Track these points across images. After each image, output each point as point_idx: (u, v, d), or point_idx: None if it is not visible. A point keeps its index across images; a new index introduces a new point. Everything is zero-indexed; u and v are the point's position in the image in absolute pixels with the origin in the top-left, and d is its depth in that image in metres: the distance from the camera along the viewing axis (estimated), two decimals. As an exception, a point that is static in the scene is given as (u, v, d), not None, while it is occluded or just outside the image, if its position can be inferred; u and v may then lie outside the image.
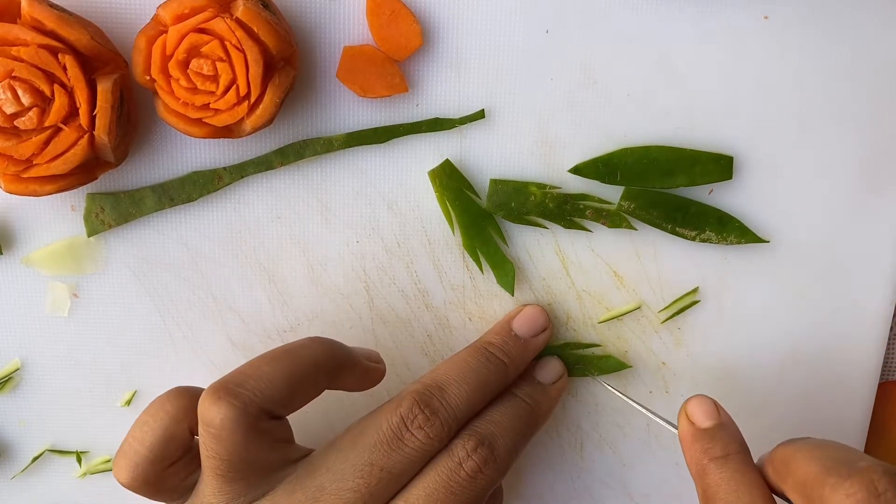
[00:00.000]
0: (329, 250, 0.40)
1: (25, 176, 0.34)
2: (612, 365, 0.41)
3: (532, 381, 0.39)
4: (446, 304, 0.41)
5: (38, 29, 0.33)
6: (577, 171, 0.39)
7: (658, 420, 0.38)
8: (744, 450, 0.35)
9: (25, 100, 0.33)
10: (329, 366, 0.35)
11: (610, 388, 0.41)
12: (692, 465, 0.35)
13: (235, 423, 0.31)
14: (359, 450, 0.33)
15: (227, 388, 0.32)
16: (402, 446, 0.33)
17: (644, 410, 0.39)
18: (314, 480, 0.33)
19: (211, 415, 0.32)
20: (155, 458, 0.33)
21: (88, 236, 0.39)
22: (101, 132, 0.34)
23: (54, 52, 0.33)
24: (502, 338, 0.39)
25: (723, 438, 0.35)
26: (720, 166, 0.39)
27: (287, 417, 0.35)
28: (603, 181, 0.39)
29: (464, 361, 0.37)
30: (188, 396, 0.34)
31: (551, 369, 0.40)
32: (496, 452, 0.34)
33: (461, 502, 0.33)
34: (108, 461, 0.42)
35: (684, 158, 0.39)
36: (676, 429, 0.37)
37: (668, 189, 0.39)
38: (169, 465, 0.34)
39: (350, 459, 0.33)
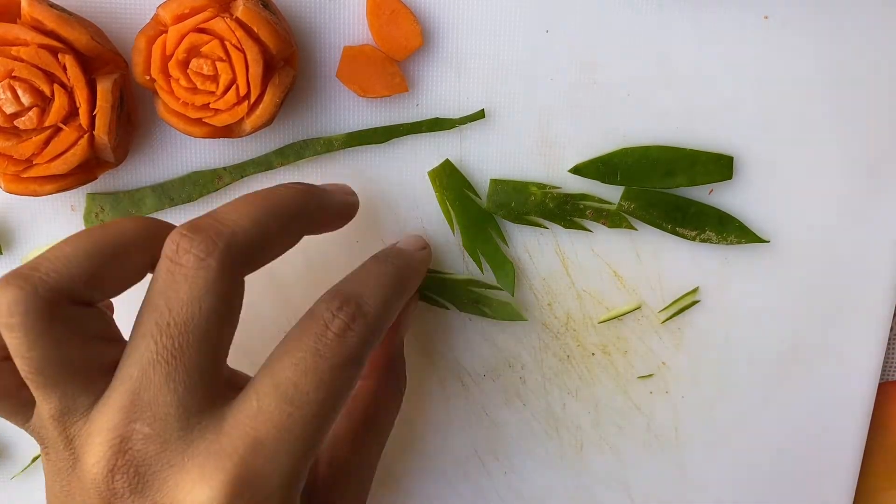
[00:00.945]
0: (329, 250, 0.40)
1: (25, 176, 0.34)
2: (508, 313, 0.41)
3: (393, 248, 0.37)
4: (446, 305, 0.41)
5: (38, 29, 0.33)
6: (577, 171, 0.39)
7: None
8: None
9: (25, 100, 0.33)
10: (147, 240, 0.30)
11: None
12: None
13: (24, 306, 0.27)
14: (141, 321, 0.29)
15: (17, 272, 0.28)
16: (176, 285, 0.28)
17: None
18: (126, 371, 0.28)
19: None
20: None
21: (88, 236, 0.39)
22: (100, 132, 0.34)
23: (54, 52, 0.33)
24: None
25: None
26: (720, 166, 0.39)
27: (112, 314, 0.32)
28: (603, 181, 0.39)
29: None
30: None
31: (413, 240, 0.38)
32: (364, 308, 0.31)
33: (333, 365, 0.29)
34: (108, 461, 0.42)
35: (684, 158, 0.39)
36: None
37: (668, 189, 0.39)
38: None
39: (137, 338, 0.29)
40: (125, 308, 0.33)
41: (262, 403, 0.28)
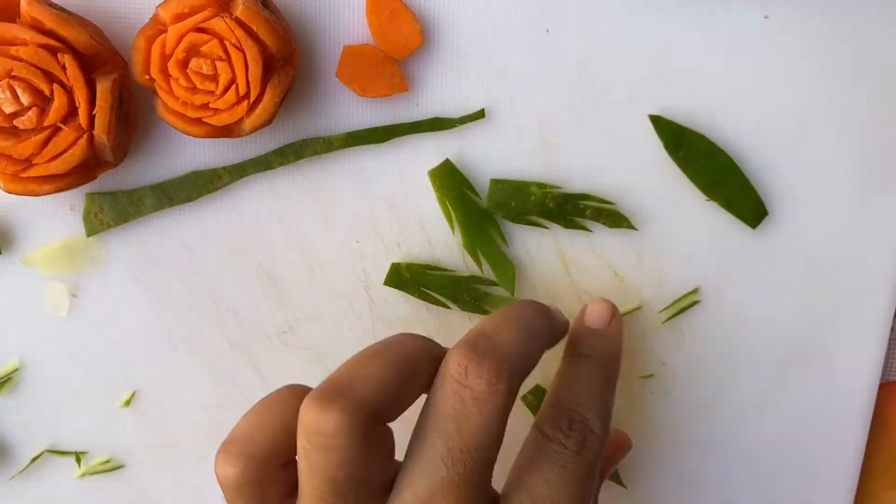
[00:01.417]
0: (328, 250, 0.40)
1: (24, 176, 0.34)
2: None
3: (585, 331, 0.37)
4: (446, 305, 0.41)
5: (38, 28, 0.33)
6: (654, 119, 0.38)
7: None
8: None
9: (24, 99, 0.33)
10: (428, 360, 0.31)
11: None
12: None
13: (349, 427, 0.28)
14: (428, 443, 0.29)
15: (336, 390, 0.28)
16: (467, 410, 0.29)
17: None
18: (413, 492, 0.29)
19: (321, 422, 0.28)
20: (272, 450, 0.29)
21: (87, 236, 0.39)
22: (100, 132, 0.34)
23: (53, 52, 0.33)
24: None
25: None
26: (755, 208, 0.40)
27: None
28: (666, 145, 0.39)
29: (501, 312, 0.33)
30: (303, 394, 0.31)
31: (598, 310, 0.38)
32: (591, 424, 0.32)
33: (579, 479, 0.31)
34: (107, 461, 0.42)
35: (737, 182, 0.39)
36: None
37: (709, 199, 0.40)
38: (282, 464, 0.30)
39: (425, 460, 0.29)
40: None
41: None
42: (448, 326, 0.41)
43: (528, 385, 0.42)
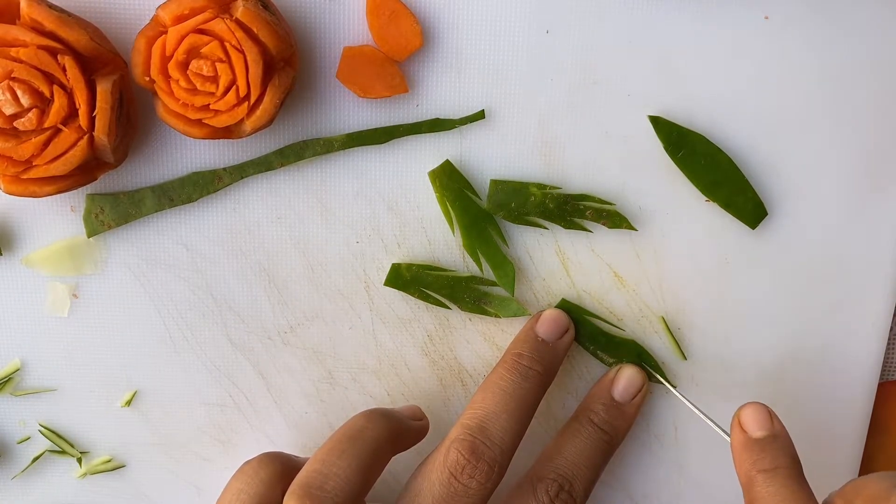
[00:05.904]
0: (329, 251, 0.40)
1: (25, 177, 0.34)
2: (511, 309, 0.40)
3: (608, 402, 0.40)
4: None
5: (38, 30, 0.33)
6: (655, 120, 0.38)
7: (713, 426, 0.38)
8: (794, 463, 0.34)
9: (25, 101, 0.33)
10: (391, 441, 0.36)
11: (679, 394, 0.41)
12: (741, 475, 0.35)
13: None
14: None
15: (311, 493, 0.33)
16: (458, 500, 0.34)
17: (701, 415, 0.39)
18: None
19: None
20: None
21: (88, 237, 0.39)
22: (100, 133, 0.34)
23: (53, 53, 0.33)
24: (531, 346, 0.38)
25: (773, 450, 0.34)
26: (755, 209, 0.40)
27: None
28: (666, 146, 0.39)
29: (499, 387, 0.37)
30: (279, 461, 0.36)
31: (631, 383, 0.40)
32: (575, 493, 0.37)
33: None
34: (108, 461, 0.42)
35: (737, 183, 0.39)
36: (729, 436, 0.36)
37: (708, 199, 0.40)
38: None
39: None
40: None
41: None
42: (448, 326, 0.41)
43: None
